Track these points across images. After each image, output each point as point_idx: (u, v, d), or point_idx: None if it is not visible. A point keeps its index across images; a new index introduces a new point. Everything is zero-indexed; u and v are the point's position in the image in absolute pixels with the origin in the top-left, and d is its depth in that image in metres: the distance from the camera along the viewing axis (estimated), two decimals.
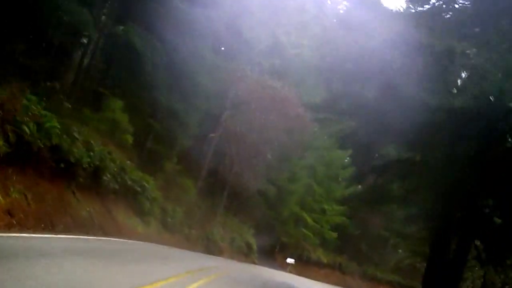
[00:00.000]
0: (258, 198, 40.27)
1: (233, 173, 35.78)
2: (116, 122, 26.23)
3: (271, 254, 46.91)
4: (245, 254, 38.24)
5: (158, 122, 29.16)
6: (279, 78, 33.95)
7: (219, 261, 30.37)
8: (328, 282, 50.82)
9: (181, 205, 30.48)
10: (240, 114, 34.45)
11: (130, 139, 26.55)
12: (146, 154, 29.66)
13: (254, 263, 38.86)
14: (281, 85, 33.51)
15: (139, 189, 24.90)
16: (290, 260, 44.63)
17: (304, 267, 48.95)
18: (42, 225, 13.78)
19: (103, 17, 26.75)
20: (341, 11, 25.89)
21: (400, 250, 60.28)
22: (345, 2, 26.07)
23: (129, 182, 23.80)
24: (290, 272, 44.63)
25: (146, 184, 25.50)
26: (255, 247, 39.24)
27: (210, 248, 32.45)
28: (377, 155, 25.01)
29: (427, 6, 18.07)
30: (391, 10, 18.96)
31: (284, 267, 45.43)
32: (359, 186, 33.44)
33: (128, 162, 24.35)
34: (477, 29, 17.27)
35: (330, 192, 48.68)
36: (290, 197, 43.32)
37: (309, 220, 45.89)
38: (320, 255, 51.60)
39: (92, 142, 18.71)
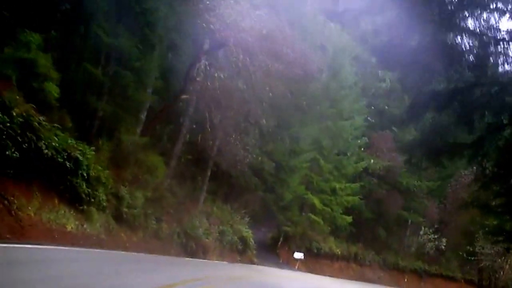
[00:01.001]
0: (252, 178, 31.61)
1: (217, 146, 27.03)
2: (31, 65, 17.43)
3: (273, 249, 38.38)
4: (239, 251, 29.67)
5: (100, 68, 20.28)
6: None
7: (204, 266, 21.77)
8: (344, 277, 42.52)
9: (146, 190, 21.70)
10: (220, 63, 25.58)
11: (54, 90, 17.71)
12: (86, 117, 20.82)
13: (252, 262, 30.34)
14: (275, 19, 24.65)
15: (68, 163, 16.11)
16: (298, 255, 36.15)
17: (315, 261, 40.52)
18: None
19: None
20: None
21: (421, 232, 52.40)
22: None
23: (47, 151, 15.00)
24: (299, 269, 36.14)
25: (80, 157, 16.68)
26: (252, 241, 30.72)
27: (190, 247, 23.86)
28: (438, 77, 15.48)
29: None
30: None
31: (291, 264, 36.95)
32: None
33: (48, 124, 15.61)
34: None
35: (340, 168, 40.07)
36: (292, 176, 34.71)
37: (317, 203, 37.36)
38: (332, 245, 43.18)
39: None
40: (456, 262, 54.79)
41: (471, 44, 11.89)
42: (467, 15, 11.43)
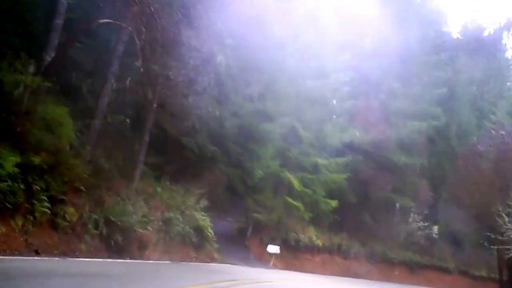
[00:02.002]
0: (210, 147, 23.71)
1: (156, 95, 19.02)
2: None
3: (242, 242, 30.71)
4: (195, 246, 21.91)
5: None
6: None
7: (132, 268, 13.96)
8: (328, 273, 35.34)
9: (33, 154, 13.58)
10: None
11: None
12: None
13: (212, 259, 22.61)
14: None
15: None
16: (273, 249, 28.68)
17: (293, 255, 33.19)
18: None
19: None
20: None
21: (410, 219, 45.76)
22: None
23: None
24: (275, 266, 28.64)
25: None
26: (211, 232, 22.91)
27: (115, 241, 15.85)
28: None
29: None
30: None
31: (264, 260, 29.44)
32: None
33: None
34: None
35: (321, 138, 32.56)
36: (263, 146, 27.16)
37: (295, 182, 29.94)
38: (312, 236, 35.89)
39: None
40: (448, 252, 48.58)
41: None
42: None
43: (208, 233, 22.85)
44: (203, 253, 22.63)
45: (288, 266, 31.54)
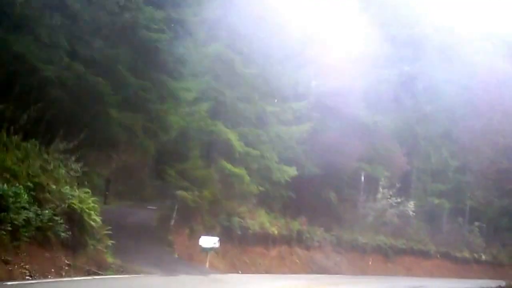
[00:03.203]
0: (89, 76, 14.00)
1: None
2: None
3: (164, 235, 21.07)
4: (64, 244, 12.24)
5: None
6: None
7: None
8: (288, 270, 26.89)
9: None
10: None
11: None
12: None
13: (99, 267, 13.02)
14: None
15: None
16: (207, 242, 19.33)
17: (239, 249, 24.30)
18: None
19: None
20: None
21: (379, 195, 37.96)
22: None
23: None
24: (212, 268, 19.39)
25: None
26: (98, 219, 13.38)
27: None
28: None
29: None
30: None
31: (195, 259, 20.08)
32: None
33: None
34: None
35: (269, 81, 23.52)
36: (180, 80, 17.45)
37: (234, 140, 20.72)
38: (264, 222, 27.10)
39: None
40: (425, 232, 41.40)
41: None
42: None
43: (91, 221, 13.28)
44: (83, 258, 13.01)
45: (233, 267, 22.54)
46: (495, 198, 44.27)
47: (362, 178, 36.73)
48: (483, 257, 42.24)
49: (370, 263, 34.59)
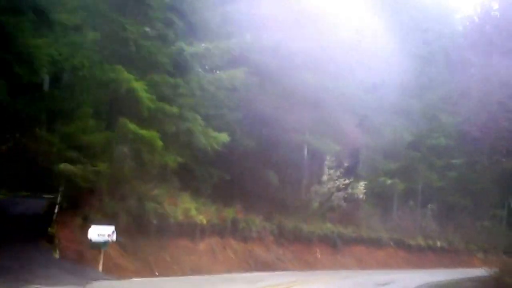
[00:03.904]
0: None
1: None
2: None
3: (44, 226, 15.21)
4: None
5: None
6: None
7: None
8: (221, 269, 21.78)
9: None
10: None
11: None
12: None
13: None
14: None
15: None
16: (100, 233, 13.60)
17: (155, 244, 18.73)
18: None
19: None
20: None
21: (324, 177, 33.66)
22: None
23: None
24: (107, 272, 13.82)
25: None
26: None
27: None
28: None
29: None
30: None
31: (85, 260, 14.32)
32: None
33: None
34: None
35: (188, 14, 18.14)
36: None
37: (142, 92, 15.13)
38: (190, 209, 21.87)
39: None
40: (376, 217, 37.77)
41: None
42: None
43: None
44: None
45: (147, 267, 17.05)
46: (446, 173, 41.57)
47: (305, 152, 32.11)
48: (438, 243, 39.21)
49: (318, 255, 30.18)
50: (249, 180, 27.94)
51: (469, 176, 43.45)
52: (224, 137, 19.31)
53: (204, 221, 22.90)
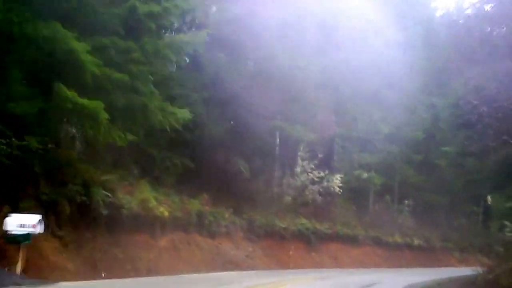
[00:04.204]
0: None
1: None
2: None
3: None
4: None
5: None
6: None
7: None
8: (186, 268, 19.12)
9: None
10: None
11: None
12: None
13: None
14: None
15: None
16: (21, 225, 10.65)
17: (105, 239, 15.79)
18: None
19: None
20: None
21: (298, 168, 31.33)
22: None
23: None
24: (25, 274, 10.91)
25: None
26: None
27: None
28: None
29: None
30: None
31: (10, 256, 11.28)
32: None
33: None
34: None
35: None
36: None
37: (87, 60, 12.30)
38: (148, 198, 18.91)
39: None
40: (352, 213, 35.66)
41: None
42: None
43: None
44: None
45: (92, 268, 14.17)
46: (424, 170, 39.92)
47: (277, 140, 29.65)
48: (415, 241, 37.32)
49: (290, 252, 27.73)
50: (217, 169, 25.23)
51: (448, 172, 41.91)
52: (185, 113, 16.52)
53: (166, 214, 20.10)
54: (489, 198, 47.47)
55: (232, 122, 24.37)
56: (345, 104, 35.04)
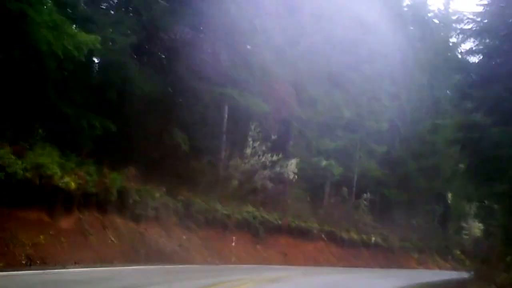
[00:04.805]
0: None
1: None
2: None
3: None
4: None
5: None
6: None
7: None
8: (86, 261, 14.59)
9: None
10: None
11: None
12: None
13: None
14: None
15: None
16: None
17: None
18: None
19: None
20: None
21: (248, 150, 27.55)
22: None
23: None
24: None
25: None
26: None
27: None
28: None
29: None
30: None
31: None
32: None
33: None
34: None
35: None
36: None
37: None
38: (48, 165, 14.41)
39: None
40: (307, 204, 32.14)
41: None
42: None
43: None
44: None
45: None
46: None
47: (226, 114, 25.64)
48: (373, 239, 34.17)
49: (233, 244, 23.75)
50: (149, 139, 20.94)
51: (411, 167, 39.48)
52: (91, 39, 12.17)
53: (72, 186, 15.64)
54: (449, 196, 45.38)
55: (170, 81, 20.05)
56: (304, 84, 31.37)
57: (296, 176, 28.92)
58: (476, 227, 46.51)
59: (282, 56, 26.79)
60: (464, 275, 20.41)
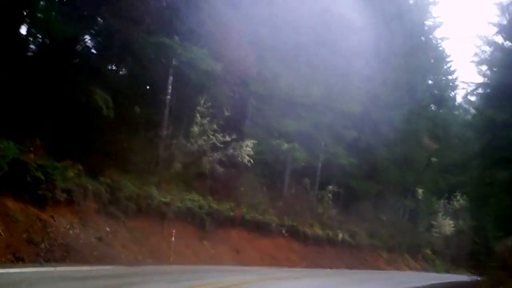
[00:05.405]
0: None
1: None
2: None
3: None
4: None
5: None
6: None
7: None
8: None
9: None
10: None
11: None
12: None
13: None
14: None
15: None
16: None
17: None
18: None
19: None
20: None
21: (197, 129, 23.44)
22: None
23: None
24: None
25: None
26: None
27: None
28: None
29: None
30: None
31: None
32: None
33: None
34: None
35: None
36: None
37: None
38: None
39: None
40: (264, 193, 28.31)
41: None
42: None
43: None
44: None
45: None
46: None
47: (170, 77, 21.39)
48: (340, 236, 30.60)
49: (172, 239, 19.52)
50: (62, 100, 16.46)
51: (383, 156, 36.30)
52: None
53: None
54: (420, 192, 42.58)
55: (89, 25, 15.69)
56: (266, 54, 27.42)
57: (251, 161, 25.00)
58: (446, 225, 44.01)
59: (242, 12, 22.78)
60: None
